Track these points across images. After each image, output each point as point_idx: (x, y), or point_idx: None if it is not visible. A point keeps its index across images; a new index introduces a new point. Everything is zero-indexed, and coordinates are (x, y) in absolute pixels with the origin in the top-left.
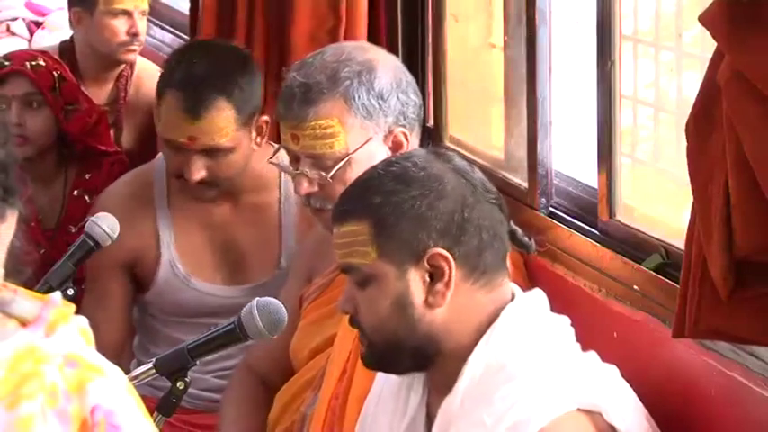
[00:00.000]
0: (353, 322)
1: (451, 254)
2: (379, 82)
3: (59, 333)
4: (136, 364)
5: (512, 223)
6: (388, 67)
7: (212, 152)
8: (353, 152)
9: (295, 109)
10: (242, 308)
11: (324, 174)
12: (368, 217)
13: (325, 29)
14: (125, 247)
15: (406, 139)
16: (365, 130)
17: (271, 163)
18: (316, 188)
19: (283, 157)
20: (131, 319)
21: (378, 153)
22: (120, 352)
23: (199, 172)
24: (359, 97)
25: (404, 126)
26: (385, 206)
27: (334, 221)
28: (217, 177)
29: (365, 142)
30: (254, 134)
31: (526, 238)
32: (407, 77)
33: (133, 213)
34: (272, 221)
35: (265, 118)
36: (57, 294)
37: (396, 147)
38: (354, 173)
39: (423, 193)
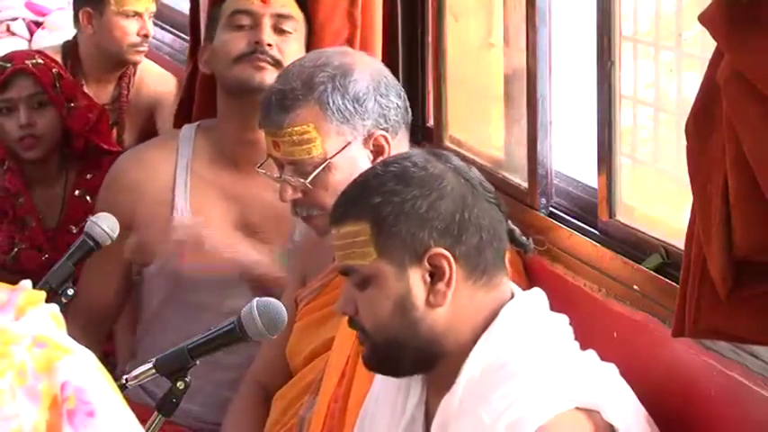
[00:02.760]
0: (353, 324)
1: (452, 253)
2: (355, 85)
3: (29, 316)
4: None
5: (510, 222)
6: (365, 71)
7: (280, 27)
8: (332, 157)
9: (272, 116)
10: (246, 286)
11: (303, 180)
12: (368, 217)
13: (341, 38)
14: (137, 207)
15: (387, 143)
16: (342, 134)
17: (258, 171)
18: (299, 195)
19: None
20: (131, 279)
21: (358, 157)
22: (112, 311)
23: (270, 35)
24: (334, 102)
25: (385, 129)
26: (385, 206)
27: (333, 223)
28: (281, 55)
29: (344, 147)
30: None
31: (524, 238)
32: (389, 80)
33: (151, 173)
34: None
35: None
36: (27, 282)
37: (377, 150)
38: (335, 178)
39: (423, 192)
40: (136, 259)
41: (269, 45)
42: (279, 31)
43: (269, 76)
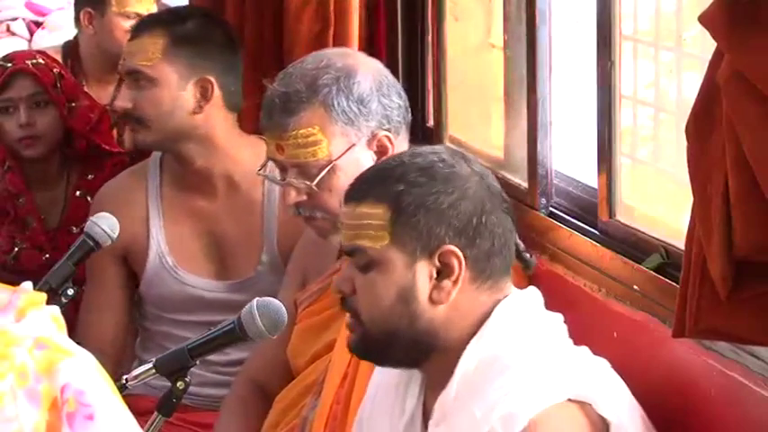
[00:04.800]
0: (346, 304)
1: (464, 254)
2: (359, 87)
3: (30, 318)
4: (137, 364)
5: (516, 236)
6: (367, 72)
7: (136, 81)
8: (337, 159)
9: (276, 119)
10: (227, 304)
11: (308, 182)
12: (388, 201)
13: (314, 32)
14: (119, 237)
15: (391, 143)
16: (347, 136)
17: (259, 175)
18: (304, 197)
19: (272, 169)
20: (131, 309)
21: (362, 158)
22: (121, 336)
23: (123, 99)
24: (338, 104)
25: (388, 129)
26: (407, 194)
27: (350, 200)
28: (140, 112)
29: (348, 148)
30: (194, 92)
31: (527, 255)
32: (390, 81)
33: (127, 203)
34: (255, 218)
35: (212, 81)
36: (28, 283)
37: (381, 150)
38: (340, 180)
39: (447, 189)
40: (129, 277)
41: (121, 107)
42: (135, 84)
43: (140, 137)
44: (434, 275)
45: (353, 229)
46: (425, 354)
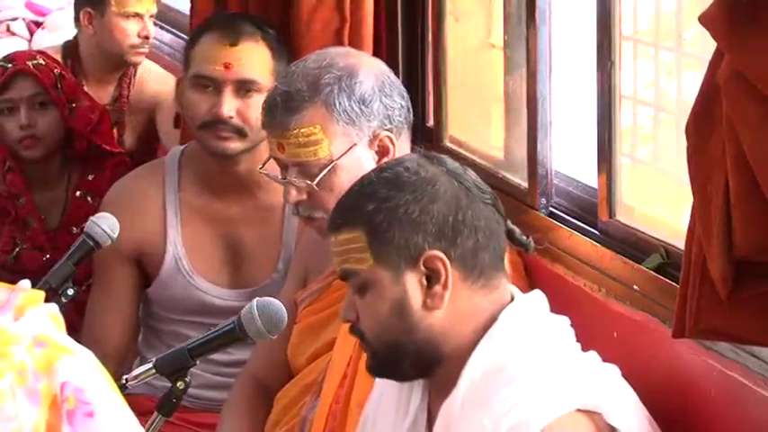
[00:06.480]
0: (354, 330)
1: (447, 256)
2: (361, 87)
3: (28, 316)
4: (138, 362)
5: (509, 223)
6: (370, 72)
7: (244, 89)
8: (338, 158)
9: (278, 117)
10: (239, 312)
11: (309, 182)
12: (362, 224)
13: (331, 30)
14: (132, 238)
15: (392, 143)
16: (348, 136)
17: (260, 172)
18: (304, 196)
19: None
20: (138, 311)
21: (363, 158)
22: (126, 339)
23: (230, 108)
24: (340, 103)
25: (389, 130)
26: (378, 212)
27: (330, 231)
28: (244, 122)
29: (349, 148)
30: None
31: (525, 237)
32: (392, 81)
33: (142, 205)
34: (275, 223)
35: None
36: (26, 282)
37: (382, 151)
38: (340, 179)
39: (415, 197)
40: (138, 279)
41: (230, 117)
42: (243, 93)
43: (232, 144)
44: (424, 283)
45: (339, 255)
46: (432, 364)
